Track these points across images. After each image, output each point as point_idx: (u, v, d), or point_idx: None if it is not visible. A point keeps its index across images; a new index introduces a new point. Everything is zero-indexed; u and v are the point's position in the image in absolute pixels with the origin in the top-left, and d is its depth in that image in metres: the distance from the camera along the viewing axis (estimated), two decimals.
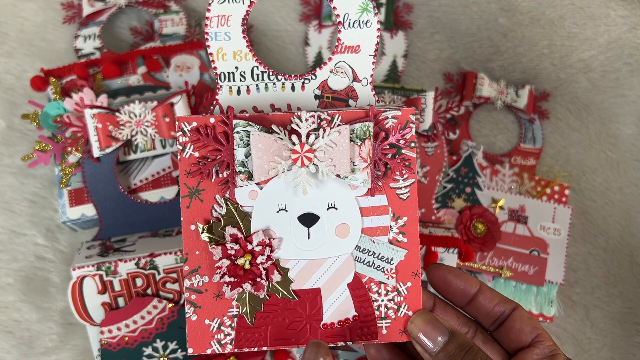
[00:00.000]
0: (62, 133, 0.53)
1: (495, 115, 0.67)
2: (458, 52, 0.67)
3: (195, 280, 0.35)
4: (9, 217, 0.58)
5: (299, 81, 0.37)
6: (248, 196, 0.35)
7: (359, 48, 0.36)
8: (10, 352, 0.55)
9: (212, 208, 0.35)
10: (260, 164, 0.34)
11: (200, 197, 0.35)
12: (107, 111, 0.52)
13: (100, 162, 0.53)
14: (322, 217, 0.36)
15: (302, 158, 0.34)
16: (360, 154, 0.34)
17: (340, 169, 0.34)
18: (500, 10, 0.67)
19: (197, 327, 0.35)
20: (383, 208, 0.36)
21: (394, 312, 0.36)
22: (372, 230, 0.36)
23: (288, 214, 0.36)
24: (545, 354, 0.35)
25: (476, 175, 0.62)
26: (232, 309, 0.36)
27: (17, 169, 0.58)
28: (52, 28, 0.62)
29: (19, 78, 0.61)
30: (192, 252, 0.35)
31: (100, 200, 0.53)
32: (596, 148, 0.66)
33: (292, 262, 0.36)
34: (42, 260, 0.57)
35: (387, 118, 0.35)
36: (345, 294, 0.36)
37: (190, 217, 0.35)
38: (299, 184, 0.35)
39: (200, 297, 0.35)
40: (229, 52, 0.36)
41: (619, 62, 0.67)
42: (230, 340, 0.36)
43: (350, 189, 0.36)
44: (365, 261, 0.36)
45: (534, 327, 0.36)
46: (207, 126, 0.35)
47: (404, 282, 0.36)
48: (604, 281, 0.63)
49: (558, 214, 0.61)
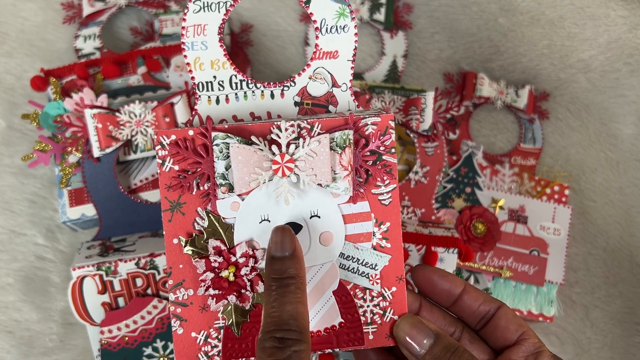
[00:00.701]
0: (62, 133, 0.53)
1: (495, 115, 0.67)
2: (458, 52, 0.67)
3: (180, 294, 0.35)
4: (9, 217, 0.58)
5: (278, 89, 0.37)
6: (230, 208, 0.35)
7: (337, 53, 0.36)
8: (10, 352, 0.55)
9: (194, 221, 0.35)
10: (241, 176, 0.33)
11: (182, 211, 0.35)
12: (107, 111, 0.52)
13: (100, 162, 0.53)
14: (305, 226, 0.36)
15: (283, 168, 0.34)
16: (341, 162, 0.34)
17: (322, 178, 0.34)
18: (500, 10, 0.67)
19: (183, 341, 0.35)
20: (366, 214, 0.36)
21: (379, 317, 0.36)
22: (356, 236, 0.36)
23: (271, 224, 0.35)
24: (531, 351, 0.36)
25: (476, 175, 0.62)
26: (218, 321, 0.36)
27: (17, 169, 0.59)
28: (52, 28, 0.62)
29: (19, 78, 0.61)
30: (175, 265, 0.35)
31: (100, 200, 0.53)
32: (596, 148, 0.66)
33: None
34: (42, 260, 0.57)
35: (367, 125, 0.35)
36: (330, 301, 0.36)
37: (173, 231, 0.35)
38: (280, 195, 0.34)
39: (185, 310, 0.35)
40: (206, 62, 0.36)
41: (619, 62, 0.67)
42: (218, 352, 0.36)
43: (333, 196, 0.35)
44: (349, 268, 0.36)
45: (519, 325, 0.37)
46: (187, 139, 0.34)
47: (389, 287, 0.36)
48: (604, 281, 0.63)
49: (558, 214, 0.61)
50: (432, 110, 0.56)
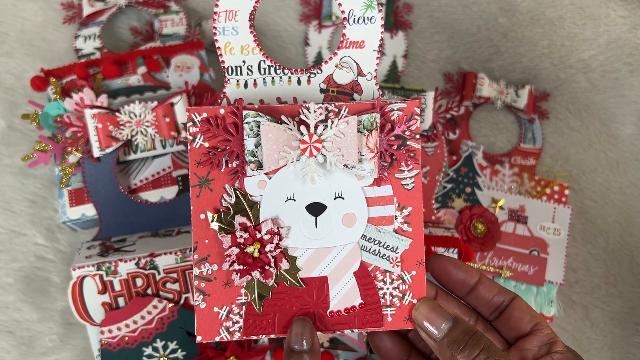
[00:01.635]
0: (62, 133, 0.53)
1: (495, 115, 0.67)
2: (458, 52, 0.67)
3: (204, 269, 0.36)
4: (9, 217, 0.58)
5: (304, 75, 0.37)
6: (257, 186, 0.36)
7: (363, 43, 0.37)
8: (10, 352, 0.55)
9: (222, 197, 0.36)
10: (270, 154, 0.34)
11: (210, 187, 0.36)
12: (107, 111, 0.52)
13: (100, 162, 0.53)
14: (329, 207, 0.36)
15: (311, 148, 0.34)
16: (368, 145, 0.35)
17: (348, 158, 0.34)
18: (500, 10, 0.67)
19: (205, 315, 0.36)
20: (388, 198, 0.36)
21: (398, 300, 0.37)
22: (378, 219, 0.37)
23: (296, 204, 0.36)
24: (544, 342, 0.36)
25: (476, 175, 0.62)
26: (240, 297, 0.36)
27: (17, 169, 0.59)
28: (52, 28, 0.62)
29: (19, 78, 0.61)
30: (201, 240, 0.36)
31: (100, 200, 0.53)
32: (596, 148, 0.66)
33: (300, 250, 0.36)
34: (42, 260, 0.57)
35: (393, 110, 0.36)
36: (351, 282, 0.37)
37: (200, 206, 0.36)
38: (307, 174, 0.35)
39: (209, 285, 0.36)
40: (236, 47, 0.37)
41: (619, 62, 0.67)
42: (239, 328, 0.36)
43: (357, 179, 0.36)
44: (371, 250, 0.37)
45: (533, 316, 0.37)
46: (217, 117, 0.35)
47: (409, 271, 0.37)
48: (604, 281, 0.63)
49: (558, 214, 0.61)
50: (432, 110, 0.56)
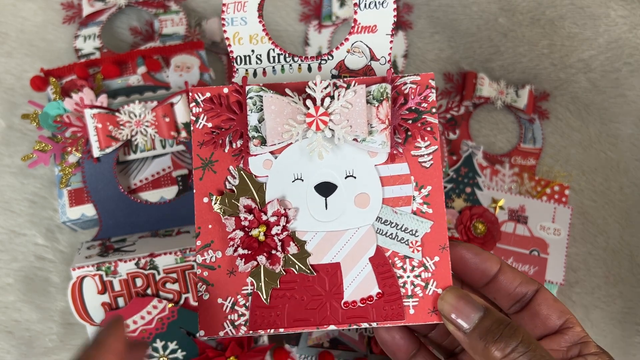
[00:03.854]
0: (62, 133, 0.53)
1: (495, 115, 0.67)
2: (458, 52, 0.67)
3: (207, 256, 0.34)
4: (8, 217, 0.58)
5: (315, 62, 0.36)
6: (262, 166, 0.34)
7: (375, 28, 0.36)
8: (10, 352, 0.55)
9: (226, 179, 0.34)
10: (274, 127, 0.32)
11: (214, 169, 0.34)
12: (107, 111, 0.52)
13: (100, 162, 0.53)
14: (340, 186, 0.34)
15: (317, 122, 0.33)
16: (378, 116, 0.33)
17: (357, 129, 0.32)
18: (500, 10, 0.67)
19: (209, 307, 0.33)
20: (405, 177, 0.34)
21: (421, 289, 0.33)
22: (394, 200, 0.34)
23: (304, 184, 0.34)
24: (574, 341, 0.33)
25: (476, 175, 0.62)
26: (246, 287, 0.34)
27: (17, 169, 0.58)
28: (52, 28, 0.62)
29: (18, 78, 0.61)
30: (204, 225, 0.34)
31: (100, 200, 0.53)
32: (596, 148, 0.66)
33: (309, 234, 0.34)
34: (42, 260, 0.57)
35: (406, 83, 0.34)
36: (367, 269, 0.34)
37: (203, 189, 0.34)
38: (314, 149, 0.33)
39: (213, 274, 0.34)
40: (245, 36, 0.36)
41: (619, 62, 0.67)
42: (245, 322, 0.33)
43: (369, 156, 0.34)
44: (387, 233, 0.34)
45: (561, 312, 0.34)
46: (221, 95, 0.34)
47: (431, 257, 0.34)
48: (604, 281, 0.63)
49: (558, 214, 0.61)
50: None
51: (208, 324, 0.33)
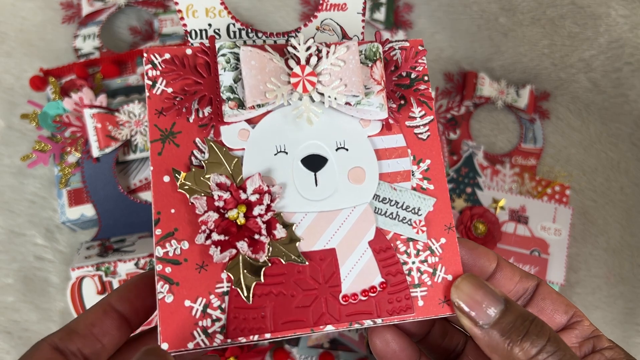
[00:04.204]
0: (61, 133, 0.53)
1: (495, 115, 0.66)
2: (458, 52, 0.67)
3: (170, 248, 0.27)
4: (8, 217, 0.57)
5: (282, 38, 0.32)
6: (237, 136, 0.29)
7: (345, 6, 0.32)
8: (9, 352, 0.55)
9: (192, 154, 0.29)
10: (255, 84, 0.28)
11: (176, 141, 0.29)
12: (106, 111, 0.52)
13: (99, 162, 0.53)
14: (330, 160, 0.30)
15: (304, 82, 0.28)
16: (373, 76, 0.29)
17: (352, 88, 0.28)
18: (500, 9, 0.67)
19: (174, 312, 0.27)
20: (401, 150, 0.30)
21: (429, 276, 0.29)
22: (392, 175, 0.30)
23: (289, 157, 0.29)
24: (586, 336, 0.30)
25: (477, 175, 0.61)
26: (221, 284, 0.27)
27: (16, 169, 0.58)
28: (51, 28, 0.62)
29: (18, 78, 0.60)
30: (165, 210, 0.28)
31: (99, 201, 0.53)
32: (597, 148, 0.66)
33: (298, 216, 0.29)
34: (41, 260, 0.57)
35: (394, 49, 0.31)
36: (367, 255, 0.29)
37: (163, 166, 0.28)
38: (302, 115, 0.29)
39: (177, 270, 0.27)
40: (200, 9, 0.31)
41: (620, 61, 0.66)
42: (221, 328, 0.27)
43: (361, 125, 0.30)
44: (387, 213, 0.30)
45: (567, 306, 0.31)
46: (184, 56, 0.29)
47: (437, 238, 0.30)
48: (605, 282, 0.63)
49: (559, 214, 0.61)
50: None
51: (173, 333, 0.27)
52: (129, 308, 0.29)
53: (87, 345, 0.28)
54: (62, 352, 0.27)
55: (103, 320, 0.28)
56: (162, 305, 0.27)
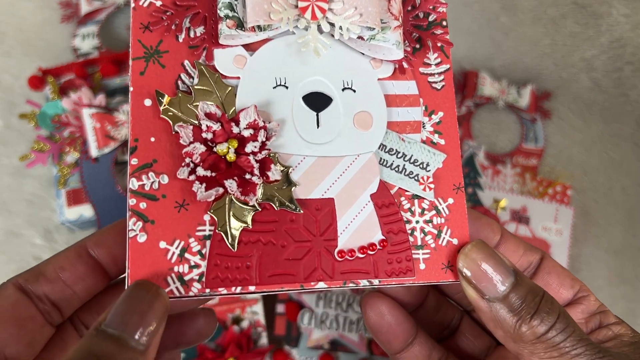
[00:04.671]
0: (60, 133, 0.52)
1: (496, 115, 0.66)
2: (459, 51, 0.66)
3: (147, 181, 0.24)
4: (6, 217, 0.57)
5: None
6: (233, 62, 0.26)
7: None
8: None
9: (179, 78, 0.26)
10: (259, 1, 0.25)
11: (162, 62, 0.25)
12: (105, 111, 0.52)
13: (98, 162, 0.53)
14: (335, 100, 0.27)
15: (313, 7, 0.25)
16: (391, 10, 0.26)
17: (368, 19, 0.25)
18: (501, 9, 0.66)
19: (146, 254, 0.24)
20: (413, 98, 0.28)
21: (433, 238, 0.27)
22: (401, 125, 0.28)
23: (289, 92, 0.26)
24: (592, 311, 0.29)
25: (477, 175, 0.61)
26: (203, 227, 0.25)
27: (15, 169, 0.58)
28: (50, 27, 0.62)
29: (17, 77, 0.60)
30: (144, 138, 0.25)
31: (98, 201, 0.53)
32: (598, 148, 0.65)
33: (295, 158, 0.26)
34: (40, 260, 0.57)
35: None
36: (367, 209, 0.26)
37: (145, 87, 0.25)
38: (308, 44, 0.26)
39: (153, 207, 0.24)
40: None
41: (621, 61, 0.66)
42: (199, 276, 0.24)
43: (372, 66, 0.27)
44: (393, 165, 0.27)
45: (573, 280, 0.29)
46: None
47: (444, 198, 0.27)
48: (607, 282, 0.63)
49: (560, 215, 0.61)
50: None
51: (143, 278, 0.24)
52: (106, 254, 0.27)
53: (55, 290, 0.26)
54: (27, 294, 0.25)
55: (75, 265, 0.26)
56: (132, 244, 0.24)
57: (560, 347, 0.24)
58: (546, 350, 0.24)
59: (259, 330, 0.51)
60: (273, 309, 0.54)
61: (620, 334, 0.28)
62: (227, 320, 0.49)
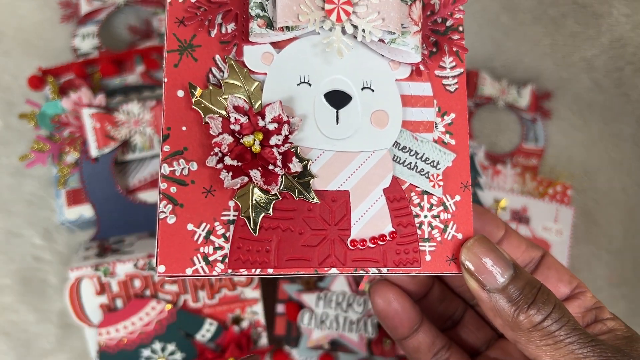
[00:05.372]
0: (60, 133, 0.52)
1: (497, 115, 0.66)
2: None
3: (178, 167, 0.27)
4: (6, 217, 0.57)
5: None
6: (261, 59, 0.28)
7: None
8: (8, 354, 0.55)
9: (210, 71, 0.28)
10: (288, 3, 0.26)
11: (194, 55, 0.27)
12: (105, 110, 0.52)
13: (98, 162, 0.53)
14: (355, 98, 0.29)
15: (339, 10, 0.27)
16: (411, 16, 0.28)
17: (390, 24, 0.27)
18: (502, 8, 0.66)
19: (175, 235, 0.26)
20: (427, 99, 0.30)
21: (439, 232, 0.29)
22: (415, 124, 0.29)
23: (312, 90, 0.28)
24: (589, 307, 0.31)
25: (478, 175, 0.61)
26: (227, 212, 0.27)
27: (14, 169, 0.58)
28: (49, 27, 0.62)
29: (16, 77, 0.60)
30: (176, 127, 0.27)
31: (98, 201, 0.53)
32: (599, 148, 0.65)
33: (315, 152, 0.28)
34: (39, 261, 0.57)
35: None
36: (380, 203, 0.29)
37: (178, 79, 0.27)
38: (332, 44, 0.27)
39: (183, 192, 0.27)
40: None
41: (622, 61, 0.66)
42: (223, 257, 0.27)
43: (391, 67, 0.29)
44: (405, 162, 0.29)
45: (571, 276, 0.31)
46: None
47: (452, 195, 0.29)
48: (607, 283, 0.63)
49: (560, 215, 0.61)
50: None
51: (172, 256, 0.26)
52: None
53: None
54: None
55: None
56: (162, 225, 0.26)
57: (555, 335, 0.25)
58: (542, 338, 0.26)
59: (259, 330, 0.51)
60: (273, 309, 0.54)
61: (614, 328, 0.29)
62: (227, 321, 0.49)
